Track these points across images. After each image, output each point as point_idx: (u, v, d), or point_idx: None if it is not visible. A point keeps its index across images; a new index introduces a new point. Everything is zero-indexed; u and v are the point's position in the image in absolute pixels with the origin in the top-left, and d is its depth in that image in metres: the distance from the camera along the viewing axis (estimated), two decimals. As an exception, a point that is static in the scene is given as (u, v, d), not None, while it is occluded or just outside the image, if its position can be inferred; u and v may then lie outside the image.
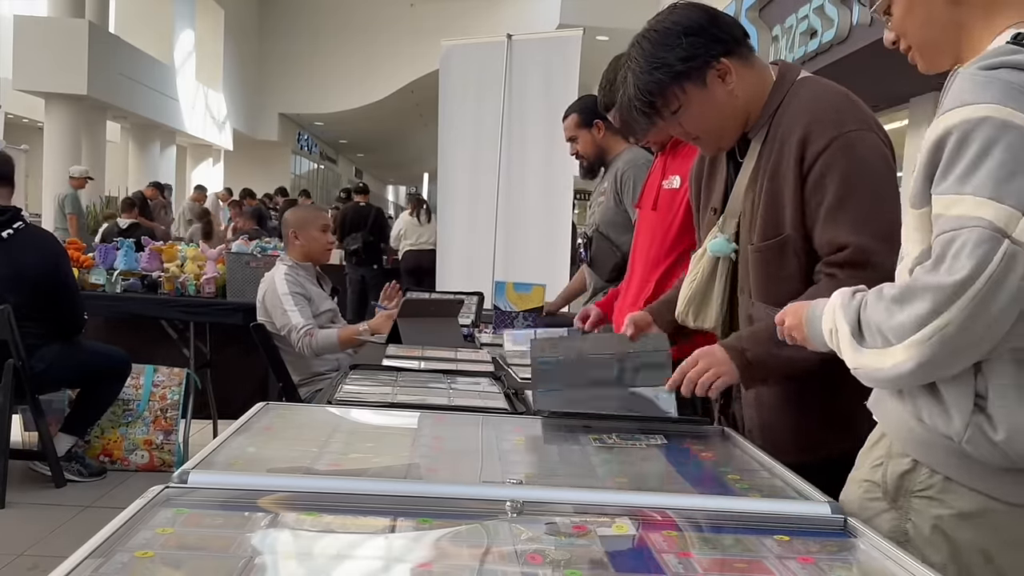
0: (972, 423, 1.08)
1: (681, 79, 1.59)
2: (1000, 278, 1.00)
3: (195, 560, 0.94)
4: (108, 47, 15.71)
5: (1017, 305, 1.01)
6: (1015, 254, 1.00)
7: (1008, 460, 1.07)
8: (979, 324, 1.02)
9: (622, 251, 2.85)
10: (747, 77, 1.63)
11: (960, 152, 1.03)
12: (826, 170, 1.53)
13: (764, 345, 1.56)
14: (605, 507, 1.13)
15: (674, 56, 1.58)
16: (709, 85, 1.60)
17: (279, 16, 23.94)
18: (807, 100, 1.59)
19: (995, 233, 1.00)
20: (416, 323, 2.92)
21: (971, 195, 1.02)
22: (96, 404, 4.02)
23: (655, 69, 1.59)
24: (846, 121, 1.54)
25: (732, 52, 1.61)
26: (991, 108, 1.02)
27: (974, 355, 1.06)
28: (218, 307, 4.43)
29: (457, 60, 6.15)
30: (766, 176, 1.61)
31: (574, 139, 3.10)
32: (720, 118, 1.64)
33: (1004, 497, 1.09)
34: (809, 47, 7.23)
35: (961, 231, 1.02)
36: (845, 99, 1.60)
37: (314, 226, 3.56)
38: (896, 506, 1.18)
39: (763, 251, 1.63)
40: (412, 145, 29.63)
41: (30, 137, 16.58)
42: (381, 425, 1.67)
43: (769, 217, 1.61)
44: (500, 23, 13.04)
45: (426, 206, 9.40)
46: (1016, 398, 1.07)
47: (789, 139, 1.57)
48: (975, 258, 1.00)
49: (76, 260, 4.60)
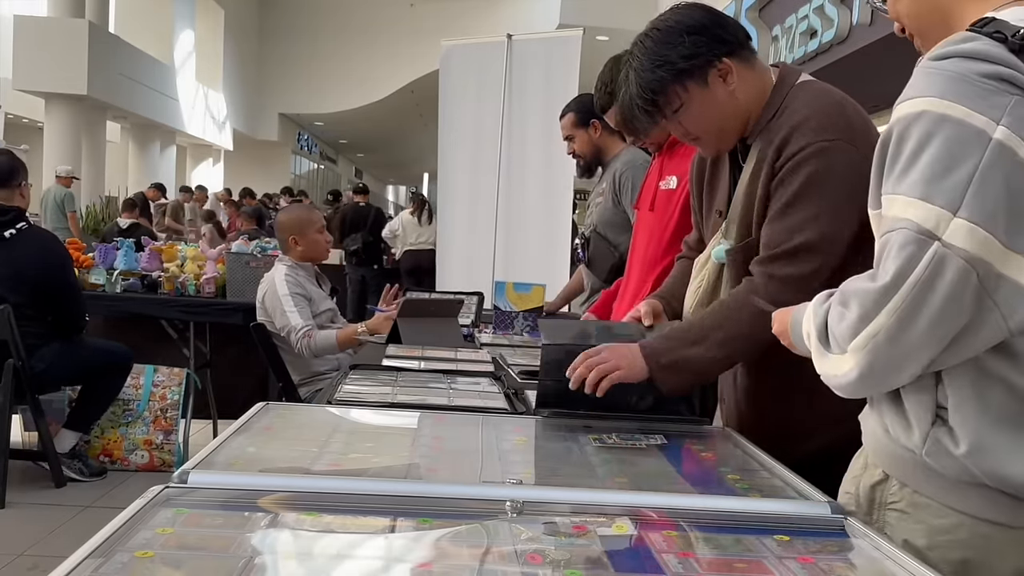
0: (931, 435, 1.03)
1: (683, 77, 1.59)
2: (928, 283, 0.93)
3: (195, 560, 0.94)
4: (108, 47, 15.72)
5: (955, 311, 0.94)
6: (944, 257, 0.92)
7: (970, 475, 1.01)
8: (912, 332, 0.95)
9: (620, 252, 2.85)
10: (748, 79, 1.62)
11: (899, 150, 0.98)
12: (790, 173, 1.53)
13: (676, 347, 1.59)
14: (605, 507, 1.13)
15: (676, 54, 1.58)
16: (711, 85, 1.60)
17: (279, 16, 23.94)
18: (799, 105, 1.58)
19: (920, 235, 0.93)
20: (416, 323, 2.92)
21: (903, 195, 0.96)
22: (99, 400, 4.01)
23: (657, 67, 1.59)
24: (827, 129, 1.52)
25: (734, 53, 1.60)
26: (929, 101, 0.95)
27: (915, 365, 0.99)
28: (218, 307, 4.43)
29: (457, 60, 6.15)
30: (749, 179, 1.62)
31: (571, 138, 3.11)
32: (720, 118, 1.64)
33: (973, 512, 1.03)
34: (809, 47, 7.23)
35: (890, 234, 0.97)
36: (836, 107, 1.57)
37: (311, 228, 3.56)
38: (870, 519, 1.14)
39: (736, 253, 1.63)
40: (412, 145, 29.62)
41: (30, 137, 16.58)
42: (381, 425, 1.67)
43: (744, 220, 1.62)
44: (500, 23, 13.04)
45: (428, 207, 9.39)
46: (977, 410, 1.00)
47: (772, 144, 1.57)
48: (898, 262, 0.95)
49: (76, 260, 4.60)
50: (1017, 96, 0.93)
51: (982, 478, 1.01)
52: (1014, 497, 1.00)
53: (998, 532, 1.03)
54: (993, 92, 0.93)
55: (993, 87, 0.94)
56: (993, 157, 0.92)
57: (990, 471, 1.00)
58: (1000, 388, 1.00)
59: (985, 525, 1.03)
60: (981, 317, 0.95)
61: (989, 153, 0.92)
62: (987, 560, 1.03)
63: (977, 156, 0.92)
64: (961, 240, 0.92)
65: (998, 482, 1.00)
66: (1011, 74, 0.94)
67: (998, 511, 1.02)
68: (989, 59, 0.95)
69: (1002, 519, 1.02)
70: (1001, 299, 0.94)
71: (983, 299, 0.94)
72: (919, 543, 1.07)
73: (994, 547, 1.03)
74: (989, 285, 0.94)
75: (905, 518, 1.10)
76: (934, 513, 1.06)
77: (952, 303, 0.93)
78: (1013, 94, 0.93)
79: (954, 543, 1.05)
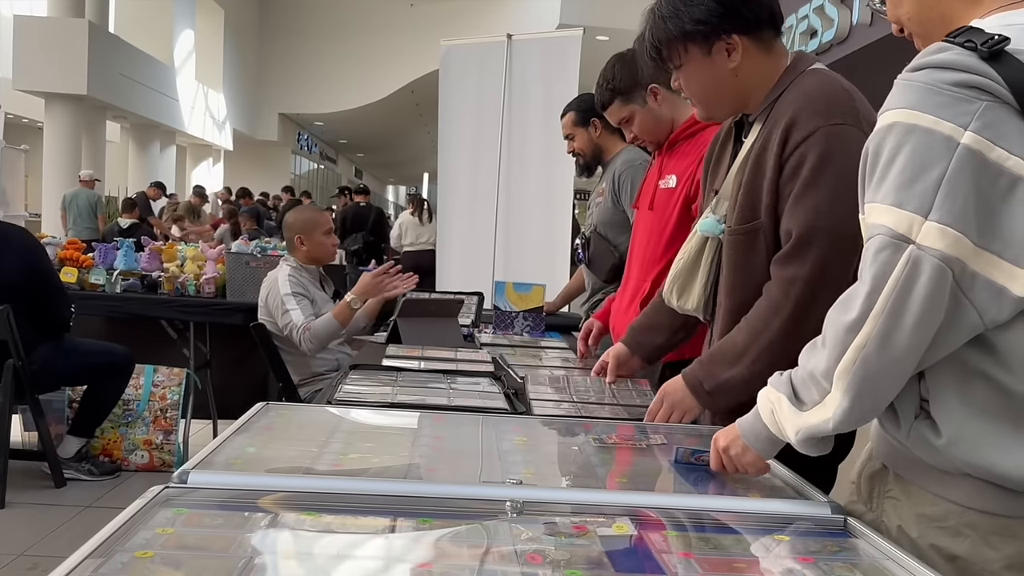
0: (915, 427, 1.06)
1: (687, 38, 1.62)
2: (907, 284, 0.97)
3: (195, 560, 0.94)
4: (108, 47, 15.72)
5: (936, 310, 0.97)
6: (919, 259, 0.96)
7: (952, 465, 1.04)
8: (899, 334, 0.98)
9: (620, 251, 2.85)
10: (758, 61, 1.63)
11: (875, 161, 1.02)
12: (802, 159, 1.54)
13: (717, 371, 1.61)
14: (605, 507, 1.13)
15: (689, 14, 1.61)
16: (713, 55, 1.62)
17: (279, 16, 23.95)
18: (805, 89, 1.60)
19: (894, 240, 0.97)
20: (416, 323, 2.92)
21: (879, 203, 1.00)
22: (100, 403, 4.00)
23: (670, 18, 1.63)
24: (834, 113, 1.54)
25: (749, 32, 1.62)
26: (900, 113, 1.00)
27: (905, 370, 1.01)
28: (218, 307, 4.42)
29: (457, 60, 6.15)
30: (752, 159, 1.63)
31: (571, 137, 3.11)
32: (715, 88, 1.67)
33: (961, 501, 1.06)
34: (809, 47, 7.23)
35: (868, 241, 1.01)
36: (842, 92, 1.59)
37: (319, 230, 3.55)
38: (870, 508, 1.17)
39: (736, 235, 1.65)
40: (412, 145, 29.65)
41: (30, 137, 16.57)
42: (381, 425, 1.67)
43: (747, 201, 1.63)
44: (500, 23, 13.05)
45: (427, 205, 9.41)
46: (958, 403, 1.03)
47: (778, 125, 1.58)
48: (876, 266, 0.99)
49: (76, 260, 4.60)
50: (986, 101, 0.96)
51: (965, 468, 1.03)
52: (1000, 487, 1.02)
53: (987, 520, 1.04)
54: (962, 100, 0.97)
55: (962, 95, 0.97)
56: (960, 162, 0.96)
57: (972, 462, 1.03)
58: (980, 381, 1.02)
59: (973, 514, 1.05)
60: (957, 314, 0.99)
61: (956, 159, 0.96)
62: (977, 548, 1.05)
63: (945, 161, 0.96)
64: (933, 241, 0.96)
65: (981, 472, 1.03)
66: (980, 81, 0.97)
67: (985, 500, 1.04)
68: (958, 68, 0.98)
69: (989, 508, 1.04)
70: (975, 296, 0.98)
71: (958, 297, 0.98)
72: (911, 532, 1.10)
73: (983, 536, 1.05)
74: (964, 283, 0.97)
75: (899, 506, 1.13)
76: (925, 502, 1.09)
77: (931, 301, 0.97)
78: (982, 100, 0.97)
79: (944, 531, 1.07)
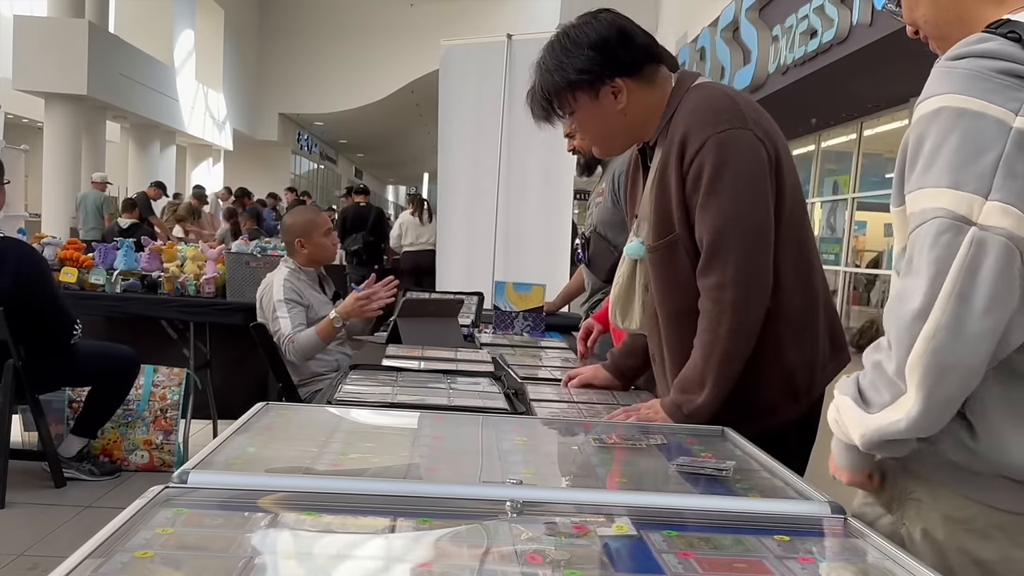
0: (949, 428, 1.01)
1: (573, 88, 1.71)
2: (973, 266, 0.92)
3: (195, 560, 0.94)
4: (108, 47, 15.73)
5: (1006, 292, 0.92)
6: (984, 240, 0.92)
7: (989, 467, 1.01)
8: (970, 319, 0.92)
9: (619, 251, 2.84)
10: (644, 95, 1.72)
11: (919, 147, 0.99)
12: (700, 169, 1.63)
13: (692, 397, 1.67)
14: (605, 507, 1.13)
15: (572, 65, 1.69)
16: (601, 99, 1.71)
17: (279, 16, 23.96)
18: (692, 105, 1.68)
19: (955, 221, 0.93)
20: (416, 323, 2.92)
21: (930, 187, 0.96)
22: (104, 405, 4.00)
23: (555, 71, 1.71)
24: (720, 120, 1.63)
25: (631, 75, 1.70)
26: (947, 98, 0.97)
27: (980, 361, 0.94)
28: (218, 307, 4.42)
29: (457, 60, 6.14)
30: (657, 179, 1.71)
31: (571, 135, 3.10)
32: (607, 129, 1.77)
33: (990, 502, 1.03)
34: (809, 47, 7.23)
35: (921, 227, 0.97)
36: (725, 99, 1.67)
37: (318, 231, 3.53)
38: (891, 510, 1.16)
39: (657, 251, 1.73)
40: (412, 145, 29.65)
41: (30, 137, 16.57)
42: (381, 425, 1.67)
43: (660, 218, 1.71)
44: (500, 23, 13.05)
45: (427, 205, 9.42)
46: (1001, 404, 0.99)
47: (674, 142, 1.67)
48: (936, 250, 0.94)
49: (76, 260, 4.60)
50: None
51: (1001, 470, 1.01)
52: None
53: (1017, 522, 1.03)
54: (1009, 87, 0.95)
55: (1009, 82, 0.95)
56: (1016, 145, 0.94)
57: (1006, 463, 1.01)
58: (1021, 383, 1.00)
59: (1002, 515, 1.03)
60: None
61: (1011, 141, 0.94)
62: (1006, 550, 1.04)
63: (1000, 144, 0.94)
64: (997, 220, 0.92)
65: (1015, 473, 1.01)
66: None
67: (1015, 501, 1.03)
68: (1004, 57, 0.96)
69: (1020, 508, 1.03)
70: None
71: None
72: (937, 535, 1.08)
73: (1012, 536, 1.03)
74: None
75: (924, 508, 1.11)
76: (952, 504, 1.07)
77: (1001, 282, 0.92)
78: None
79: (972, 533, 1.05)
